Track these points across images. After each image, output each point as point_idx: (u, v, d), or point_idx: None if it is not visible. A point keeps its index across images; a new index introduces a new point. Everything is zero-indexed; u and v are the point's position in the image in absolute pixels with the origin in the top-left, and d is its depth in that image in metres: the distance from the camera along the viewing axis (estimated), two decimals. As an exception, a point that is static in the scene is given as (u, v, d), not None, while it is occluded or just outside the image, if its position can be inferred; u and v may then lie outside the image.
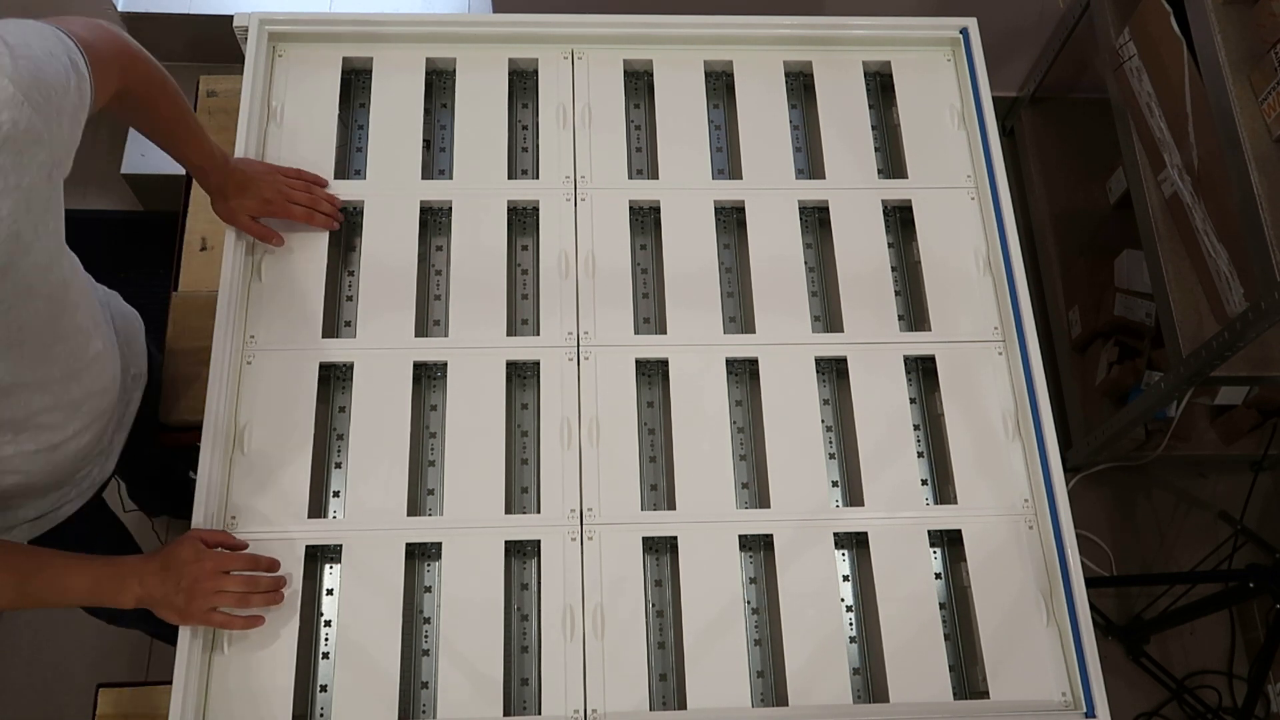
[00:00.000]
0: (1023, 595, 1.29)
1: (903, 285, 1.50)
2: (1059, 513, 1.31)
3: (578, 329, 1.38)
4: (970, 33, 1.58)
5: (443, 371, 1.36)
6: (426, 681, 1.25)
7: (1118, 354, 2.32)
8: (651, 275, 1.47)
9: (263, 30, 1.50)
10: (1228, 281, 1.84)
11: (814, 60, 1.58)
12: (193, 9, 2.44)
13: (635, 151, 1.55)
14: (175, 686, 1.16)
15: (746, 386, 1.42)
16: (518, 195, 1.46)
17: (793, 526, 1.30)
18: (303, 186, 1.40)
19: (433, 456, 1.36)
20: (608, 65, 1.54)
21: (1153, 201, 2.02)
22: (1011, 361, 1.40)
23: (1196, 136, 1.88)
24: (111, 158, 2.50)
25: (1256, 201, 1.64)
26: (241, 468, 1.29)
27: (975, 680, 1.27)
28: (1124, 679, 2.24)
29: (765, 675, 1.28)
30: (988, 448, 1.36)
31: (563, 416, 1.33)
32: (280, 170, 1.40)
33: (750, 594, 1.32)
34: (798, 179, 1.51)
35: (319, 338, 1.36)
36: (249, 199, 1.35)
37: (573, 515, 1.29)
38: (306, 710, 1.23)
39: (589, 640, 1.23)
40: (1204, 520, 2.43)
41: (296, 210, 1.38)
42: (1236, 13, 1.78)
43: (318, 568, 1.29)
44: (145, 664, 2.10)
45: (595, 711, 1.20)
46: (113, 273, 1.49)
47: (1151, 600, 2.27)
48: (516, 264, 1.47)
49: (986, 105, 1.53)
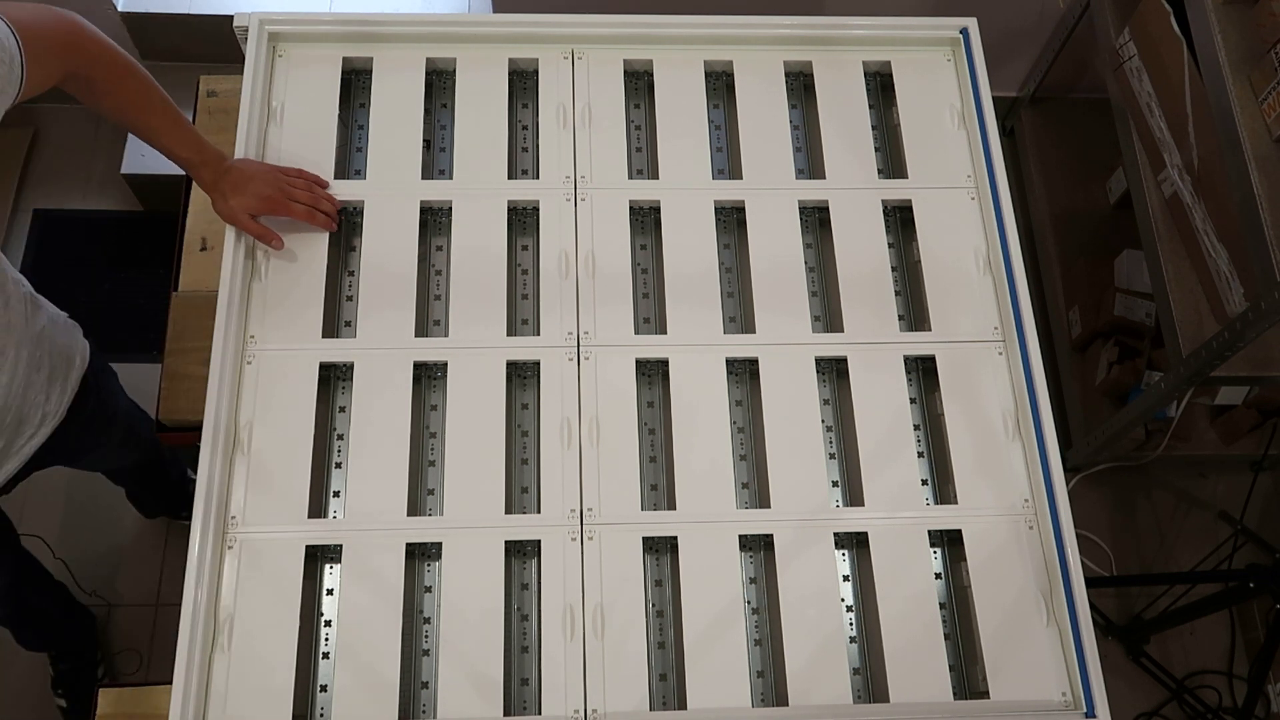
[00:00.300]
0: (1023, 595, 1.29)
1: (903, 285, 1.50)
2: (1059, 513, 1.31)
3: (578, 329, 1.38)
4: (970, 33, 1.58)
5: (443, 371, 1.36)
6: (426, 681, 1.25)
7: (1118, 354, 2.32)
8: (651, 275, 1.47)
9: (263, 30, 1.50)
10: (1228, 281, 1.84)
11: (814, 60, 1.58)
12: (193, 9, 2.44)
13: (635, 151, 1.55)
14: (175, 686, 1.16)
15: (746, 386, 1.42)
16: (518, 195, 1.46)
17: (793, 526, 1.30)
18: (304, 185, 1.40)
19: (433, 456, 1.36)
20: (608, 65, 1.54)
21: (1153, 201, 2.02)
22: (1011, 361, 1.40)
23: (1196, 136, 1.88)
24: (111, 158, 2.50)
25: (1256, 201, 1.64)
26: (241, 468, 1.29)
27: (975, 680, 1.27)
28: (1124, 679, 2.24)
29: (765, 675, 1.28)
30: (988, 448, 1.36)
31: (563, 416, 1.33)
32: (281, 169, 1.40)
33: (750, 594, 1.32)
34: (798, 179, 1.51)
35: (319, 338, 1.36)
36: (249, 197, 1.35)
37: (573, 515, 1.29)
38: (306, 710, 1.23)
39: (589, 640, 1.23)
40: (1204, 520, 2.43)
41: (297, 209, 1.38)
42: (1236, 13, 1.78)
43: (318, 568, 1.29)
44: (146, 664, 2.10)
45: (595, 711, 1.20)
46: (113, 273, 1.49)
47: (1151, 600, 2.27)
48: (516, 264, 1.47)
49: (986, 105, 1.53)
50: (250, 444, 1.30)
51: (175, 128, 1.31)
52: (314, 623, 1.27)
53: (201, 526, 1.23)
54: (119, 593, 2.15)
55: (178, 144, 1.32)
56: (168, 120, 1.31)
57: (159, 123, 1.30)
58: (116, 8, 2.41)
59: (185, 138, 1.32)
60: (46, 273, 2.43)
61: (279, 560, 1.24)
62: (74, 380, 1.49)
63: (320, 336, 1.36)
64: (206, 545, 1.22)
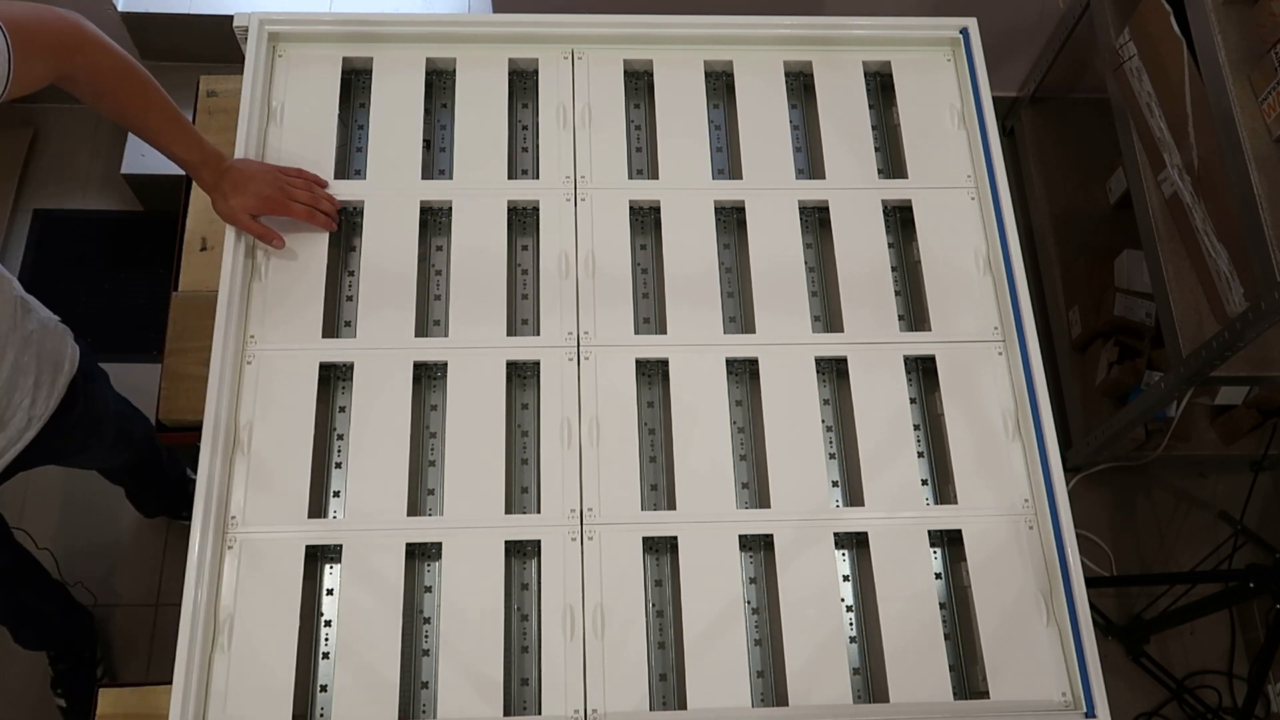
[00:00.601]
0: (1023, 595, 1.29)
1: (903, 285, 1.50)
2: (1059, 513, 1.31)
3: (578, 329, 1.38)
4: (970, 33, 1.58)
5: (443, 371, 1.36)
6: (426, 681, 1.25)
7: (1118, 354, 2.32)
8: (651, 275, 1.47)
9: (263, 30, 1.50)
10: (1228, 281, 1.84)
11: (814, 60, 1.58)
12: (193, 9, 2.44)
13: (635, 151, 1.55)
14: (175, 686, 1.16)
15: (746, 386, 1.42)
16: (518, 195, 1.46)
17: (793, 526, 1.30)
18: (304, 185, 1.40)
19: (433, 456, 1.36)
20: (608, 65, 1.54)
21: (1153, 201, 2.02)
22: (1011, 361, 1.40)
23: (1196, 136, 1.88)
24: (111, 158, 2.50)
25: (1256, 201, 1.64)
26: (241, 468, 1.29)
27: (975, 680, 1.27)
28: (1124, 679, 2.24)
29: (765, 675, 1.28)
30: (988, 448, 1.36)
31: (563, 416, 1.33)
32: (281, 169, 1.40)
33: (750, 594, 1.32)
34: (798, 179, 1.51)
35: (319, 338, 1.36)
36: (248, 196, 1.35)
37: (573, 515, 1.29)
38: (306, 710, 1.23)
39: (589, 640, 1.23)
40: (1204, 520, 2.43)
41: (297, 208, 1.38)
42: (1236, 13, 1.78)
43: (318, 568, 1.29)
44: (145, 664, 2.10)
45: (595, 711, 1.20)
46: (113, 273, 1.49)
47: (1151, 600, 2.27)
48: (516, 264, 1.47)
49: (986, 105, 1.53)
50: (250, 444, 1.30)
51: (175, 128, 1.31)
52: (314, 623, 1.27)
53: (201, 526, 1.23)
54: (119, 593, 2.15)
55: (178, 144, 1.32)
56: (168, 120, 1.31)
57: (159, 123, 1.30)
58: (116, 8, 2.41)
59: (185, 138, 1.32)
60: (46, 273, 2.43)
61: (279, 560, 1.24)
62: (61, 385, 1.48)
63: (320, 336, 1.36)
64: (206, 545, 1.22)
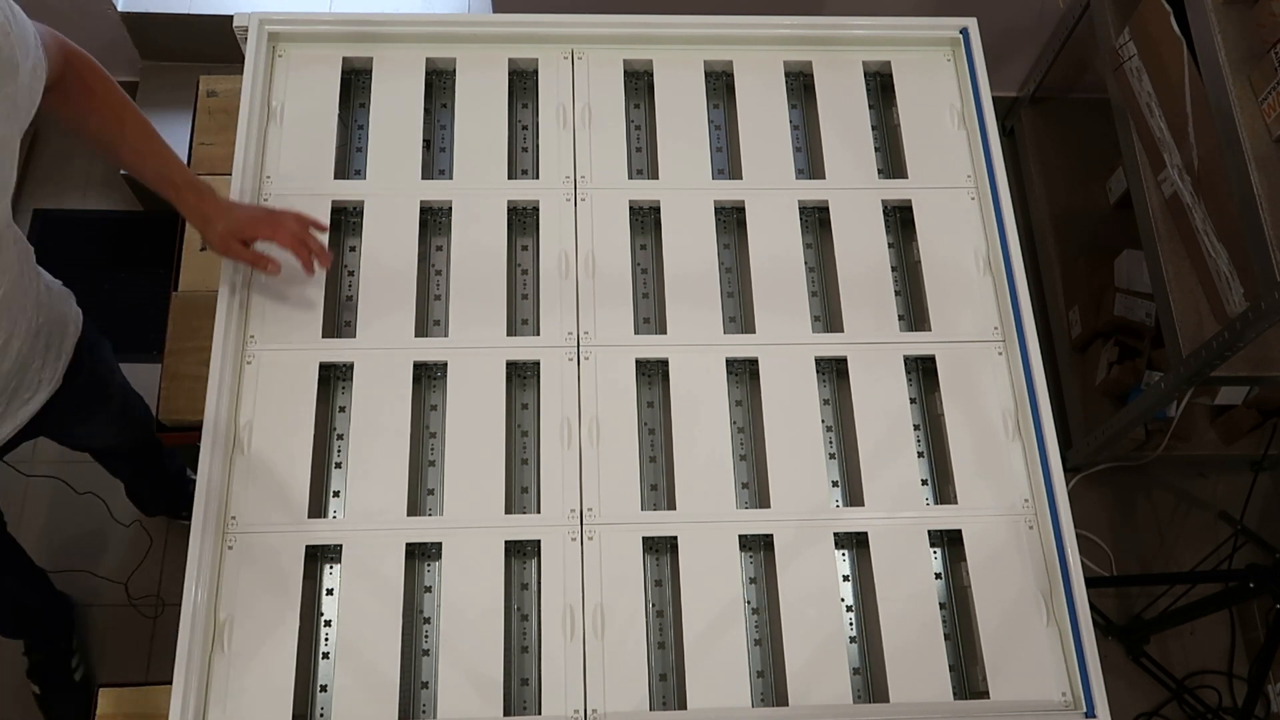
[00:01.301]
0: (1023, 595, 1.29)
1: (903, 285, 1.50)
2: (1059, 513, 1.31)
3: (578, 329, 1.38)
4: (970, 33, 1.58)
5: (443, 371, 1.36)
6: (426, 681, 1.25)
7: (1118, 354, 2.32)
8: (651, 275, 1.47)
9: (263, 30, 1.50)
10: (1228, 281, 1.84)
11: (814, 60, 1.58)
12: (193, 9, 2.44)
13: (635, 151, 1.55)
14: (175, 686, 1.16)
15: (746, 386, 1.42)
16: (518, 195, 1.46)
17: (793, 526, 1.30)
18: (295, 217, 1.35)
19: (433, 456, 1.36)
20: (608, 65, 1.55)
21: (1153, 201, 2.02)
22: (1011, 361, 1.40)
23: (1196, 136, 1.88)
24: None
25: (1256, 201, 1.64)
26: (241, 468, 1.29)
27: (975, 680, 1.27)
28: (1124, 679, 2.23)
29: (765, 675, 1.28)
30: (988, 448, 1.36)
31: (563, 416, 1.33)
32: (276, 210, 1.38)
33: (750, 594, 1.32)
34: (798, 179, 1.51)
35: (319, 338, 1.36)
36: (235, 220, 1.32)
37: (573, 515, 1.29)
38: (306, 710, 1.23)
39: (589, 640, 1.23)
40: (1204, 520, 2.43)
41: (284, 235, 1.32)
42: (1236, 13, 1.78)
43: (318, 568, 1.29)
44: (145, 664, 2.10)
45: (595, 711, 1.20)
46: (113, 273, 1.49)
47: (1151, 600, 2.27)
48: (516, 264, 1.47)
49: (986, 105, 1.53)
50: (250, 444, 1.30)
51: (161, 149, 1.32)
52: (314, 623, 1.27)
53: (201, 526, 1.23)
54: (119, 593, 2.15)
55: (163, 165, 1.32)
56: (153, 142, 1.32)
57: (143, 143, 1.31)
58: (116, 8, 2.41)
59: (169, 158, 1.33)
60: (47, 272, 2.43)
61: (279, 560, 1.25)
62: (68, 347, 1.48)
63: (320, 336, 1.36)
64: (206, 545, 1.22)
